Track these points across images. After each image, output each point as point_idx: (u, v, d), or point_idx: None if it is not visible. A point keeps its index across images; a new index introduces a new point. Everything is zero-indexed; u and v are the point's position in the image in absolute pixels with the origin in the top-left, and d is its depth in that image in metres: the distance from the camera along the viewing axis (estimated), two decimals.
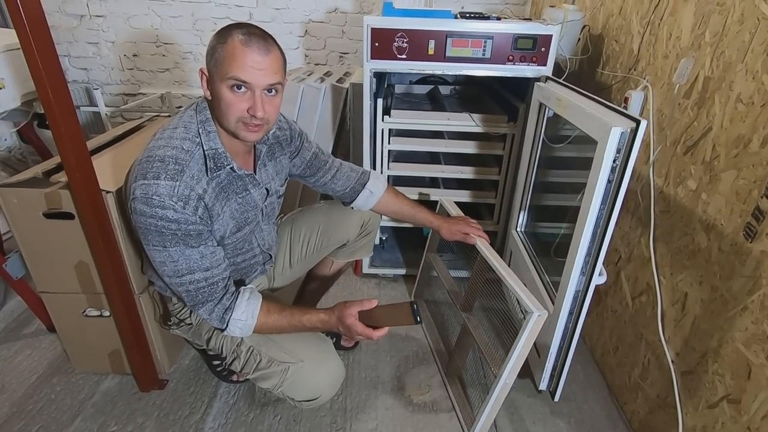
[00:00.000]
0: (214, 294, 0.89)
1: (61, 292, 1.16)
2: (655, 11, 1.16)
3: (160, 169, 0.80)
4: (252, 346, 0.98)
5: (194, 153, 0.84)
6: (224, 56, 0.79)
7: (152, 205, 0.79)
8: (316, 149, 1.14)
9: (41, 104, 0.87)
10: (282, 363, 0.95)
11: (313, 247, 1.24)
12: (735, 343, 0.85)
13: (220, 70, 0.80)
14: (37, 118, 1.74)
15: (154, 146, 0.84)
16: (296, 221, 1.25)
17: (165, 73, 2.45)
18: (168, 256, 0.84)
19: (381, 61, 1.36)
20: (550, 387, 1.24)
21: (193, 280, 0.87)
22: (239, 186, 0.93)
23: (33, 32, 0.80)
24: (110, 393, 1.25)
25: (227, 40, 0.79)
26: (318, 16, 2.30)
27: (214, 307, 0.90)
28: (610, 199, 0.94)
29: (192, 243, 0.84)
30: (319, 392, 0.97)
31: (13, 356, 1.35)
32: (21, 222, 1.06)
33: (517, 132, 1.51)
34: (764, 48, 0.81)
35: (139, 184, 0.80)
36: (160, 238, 0.82)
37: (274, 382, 0.96)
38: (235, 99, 0.81)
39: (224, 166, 0.88)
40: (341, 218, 1.23)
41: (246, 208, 0.96)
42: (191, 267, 0.86)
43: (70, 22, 2.31)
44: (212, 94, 0.84)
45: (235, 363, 1.00)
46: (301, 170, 1.13)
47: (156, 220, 0.80)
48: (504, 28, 1.31)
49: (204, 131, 0.86)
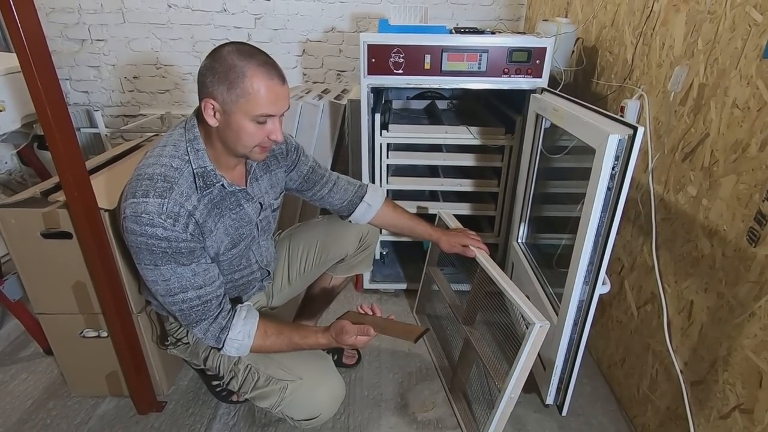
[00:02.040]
0: (208, 313, 0.88)
1: (58, 313, 1.14)
2: (647, 22, 1.17)
3: (149, 187, 0.80)
4: (250, 364, 0.96)
5: (183, 171, 0.84)
6: (249, 94, 0.78)
7: (142, 223, 0.79)
8: (313, 163, 1.14)
9: (41, 126, 0.88)
10: (280, 381, 0.94)
11: (312, 263, 1.22)
12: (744, 350, 0.83)
13: (245, 106, 0.79)
14: (37, 139, 1.75)
15: (143, 165, 0.85)
16: (294, 237, 1.24)
17: (165, 95, 2.47)
18: (160, 275, 0.83)
19: (378, 76, 1.37)
20: (557, 401, 1.21)
21: (185, 299, 0.86)
22: (232, 202, 0.93)
23: (34, 56, 0.81)
24: (107, 417, 1.22)
25: (246, 71, 0.78)
26: (315, 36, 2.33)
27: (209, 326, 0.89)
28: (610, 206, 0.93)
29: (183, 261, 0.84)
30: (319, 411, 0.94)
31: (9, 380, 1.33)
32: (19, 242, 1.05)
33: (515, 144, 1.51)
34: (757, 53, 0.81)
35: (129, 203, 0.80)
36: (151, 257, 0.82)
37: (273, 401, 0.94)
38: (258, 129, 0.83)
39: (214, 184, 0.88)
40: (339, 232, 1.22)
41: (240, 223, 0.95)
42: (183, 285, 0.85)
43: (71, 46, 2.35)
44: (226, 123, 0.82)
45: (233, 382, 0.98)
46: (299, 184, 1.13)
47: (146, 239, 0.80)
48: (499, 41, 1.33)
49: (192, 149, 0.86)
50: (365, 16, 2.29)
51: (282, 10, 2.27)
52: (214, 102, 0.81)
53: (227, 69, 0.78)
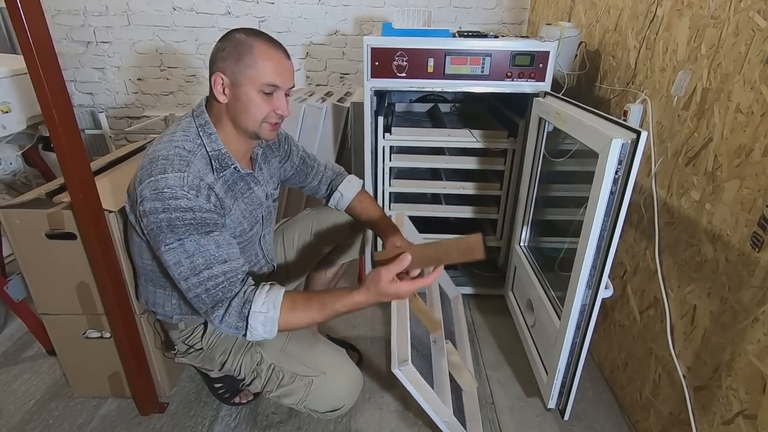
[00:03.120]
0: (233, 289, 0.82)
1: (61, 314, 1.15)
2: (650, 26, 1.18)
3: (166, 165, 0.80)
4: (273, 363, 0.98)
5: (197, 153, 0.85)
6: (256, 62, 0.83)
7: (164, 198, 0.78)
8: (303, 152, 1.18)
9: (47, 127, 0.88)
10: (305, 377, 0.95)
11: (308, 250, 1.24)
12: (748, 356, 0.83)
13: (252, 75, 0.84)
14: (42, 141, 1.76)
15: (155, 149, 0.85)
16: (288, 228, 1.27)
17: (169, 96, 2.48)
18: (183, 252, 0.80)
19: (381, 79, 1.38)
20: (559, 405, 1.20)
21: (211, 276, 0.81)
22: (243, 185, 0.95)
23: (41, 59, 0.81)
24: (109, 417, 1.22)
25: (254, 44, 0.84)
26: (319, 39, 2.35)
27: (231, 302, 0.82)
28: (613, 210, 0.93)
29: (206, 230, 0.81)
30: (342, 402, 0.97)
31: (12, 381, 1.33)
32: (23, 243, 1.06)
33: (518, 147, 1.51)
34: (761, 59, 0.81)
35: (146, 183, 0.79)
36: (173, 234, 0.79)
37: (298, 397, 0.95)
38: (265, 101, 0.86)
39: (228, 166, 0.90)
40: (332, 218, 1.25)
41: (254, 206, 0.98)
42: (208, 261, 0.81)
43: (77, 48, 2.36)
44: (235, 97, 0.86)
45: (256, 382, 0.99)
46: (292, 173, 1.15)
47: (169, 213, 0.78)
48: (502, 45, 1.33)
49: (204, 133, 0.88)
50: (369, 20, 2.30)
51: (286, 13, 2.28)
52: (224, 76, 0.85)
53: (236, 44, 0.84)
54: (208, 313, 0.84)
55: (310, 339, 1.03)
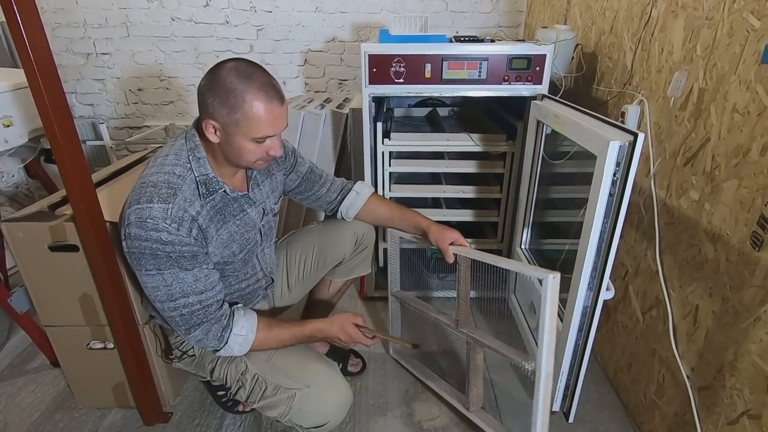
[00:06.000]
0: (208, 315, 0.89)
1: (65, 325, 1.15)
2: (645, 28, 1.18)
3: (153, 194, 0.82)
4: (257, 373, 0.97)
5: (186, 178, 0.86)
6: (249, 118, 0.82)
7: (146, 228, 0.80)
8: (311, 164, 1.18)
9: (48, 140, 0.89)
10: (288, 390, 0.94)
11: (310, 268, 1.24)
12: (751, 355, 0.83)
13: (245, 129, 0.83)
14: (44, 153, 1.78)
15: (147, 173, 0.87)
16: (291, 244, 1.26)
17: (169, 106, 2.50)
18: (162, 280, 0.85)
19: (379, 85, 1.39)
20: (563, 408, 1.20)
21: (186, 304, 0.87)
22: (235, 208, 0.95)
23: (41, 72, 0.82)
24: (114, 428, 1.22)
25: (245, 97, 0.80)
26: (317, 46, 2.36)
27: (210, 326, 0.90)
28: (612, 212, 0.93)
29: (186, 265, 0.85)
30: (327, 418, 0.94)
31: (17, 393, 1.34)
32: (26, 255, 1.07)
33: (517, 150, 1.52)
34: (756, 59, 0.82)
35: (133, 209, 0.82)
36: (154, 262, 0.83)
37: (281, 410, 0.94)
38: (258, 148, 0.86)
39: (216, 191, 0.90)
40: (335, 235, 1.23)
41: (245, 229, 0.97)
42: (185, 291, 0.86)
43: (77, 60, 2.38)
44: (227, 142, 0.85)
45: (240, 392, 0.98)
46: (297, 184, 1.15)
47: (151, 243, 0.81)
48: (498, 49, 1.34)
49: (194, 158, 0.89)
50: (366, 26, 2.32)
51: (284, 21, 2.30)
52: (215, 123, 0.84)
53: (227, 93, 0.80)
54: (183, 333, 0.91)
55: (300, 351, 1.01)
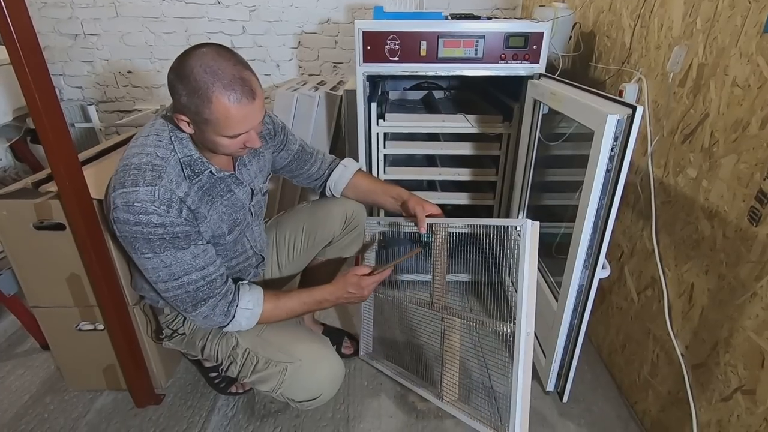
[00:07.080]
0: (214, 290, 0.88)
1: (53, 306, 1.13)
2: (645, 4, 1.16)
3: (138, 176, 0.79)
4: (248, 348, 0.96)
5: (170, 159, 0.83)
6: (218, 118, 0.77)
7: (135, 212, 0.78)
8: (301, 141, 1.15)
9: (30, 114, 0.86)
10: (279, 363, 0.93)
11: (300, 248, 1.22)
12: (746, 331, 0.83)
13: (215, 128, 0.78)
14: (30, 133, 1.74)
15: (128, 155, 0.84)
16: (280, 224, 1.24)
17: (159, 89, 2.45)
18: (160, 262, 0.83)
19: (374, 64, 1.36)
20: (557, 388, 1.20)
21: (191, 281, 0.85)
22: (222, 188, 0.92)
23: (21, 42, 0.79)
24: (105, 410, 1.21)
25: (211, 97, 0.74)
26: (311, 28, 2.31)
27: (217, 302, 0.88)
28: (609, 188, 0.92)
29: (182, 245, 0.83)
30: (320, 391, 0.94)
31: (5, 376, 1.32)
32: (11, 235, 1.04)
33: (513, 131, 1.50)
34: (757, 30, 0.80)
35: (118, 193, 0.79)
36: (148, 246, 0.81)
37: (273, 384, 0.93)
38: (233, 142, 0.82)
39: (202, 171, 0.87)
40: (324, 214, 1.21)
41: (233, 209, 0.95)
42: (186, 269, 0.84)
43: (64, 41, 2.32)
44: (202, 136, 0.82)
45: (232, 367, 0.98)
46: (288, 162, 1.13)
47: (141, 227, 0.79)
48: (495, 27, 1.31)
49: (176, 138, 0.85)
50: (360, 7, 2.27)
51: (277, 2, 2.24)
52: (186, 118, 0.80)
53: (194, 89, 0.75)
54: (188, 311, 0.89)
55: (291, 326, 1.01)
